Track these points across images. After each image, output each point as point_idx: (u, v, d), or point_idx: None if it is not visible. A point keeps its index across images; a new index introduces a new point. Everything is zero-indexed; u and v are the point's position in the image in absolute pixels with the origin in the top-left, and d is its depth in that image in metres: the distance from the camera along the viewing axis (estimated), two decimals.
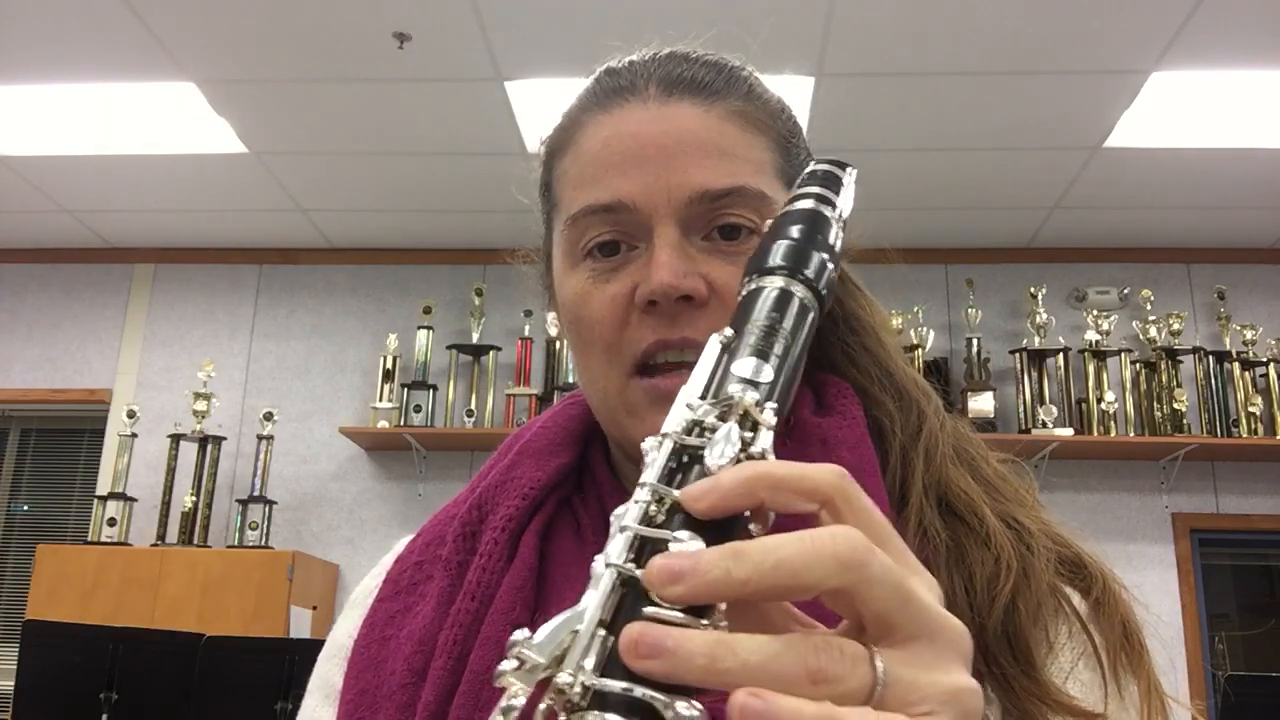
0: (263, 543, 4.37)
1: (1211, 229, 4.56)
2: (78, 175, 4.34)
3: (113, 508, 4.37)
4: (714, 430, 0.42)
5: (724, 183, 0.65)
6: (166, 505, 4.45)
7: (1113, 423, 4.39)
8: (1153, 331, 4.52)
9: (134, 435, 4.50)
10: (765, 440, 0.42)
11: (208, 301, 4.96)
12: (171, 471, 4.48)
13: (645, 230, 0.65)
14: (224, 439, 4.58)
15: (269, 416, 4.56)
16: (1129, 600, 0.65)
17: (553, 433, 0.72)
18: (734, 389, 0.44)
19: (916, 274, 4.73)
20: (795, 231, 0.52)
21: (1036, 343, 4.51)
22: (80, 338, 4.95)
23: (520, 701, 0.36)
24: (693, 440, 0.42)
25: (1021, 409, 4.47)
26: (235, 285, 4.97)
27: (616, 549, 0.39)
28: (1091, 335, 4.51)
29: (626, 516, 0.40)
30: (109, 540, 4.31)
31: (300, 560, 4.22)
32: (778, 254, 0.51)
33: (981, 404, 4.44)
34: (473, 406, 4.56)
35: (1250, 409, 4.36)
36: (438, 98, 3.71)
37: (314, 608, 4.24)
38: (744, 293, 0.50)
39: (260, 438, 4.52)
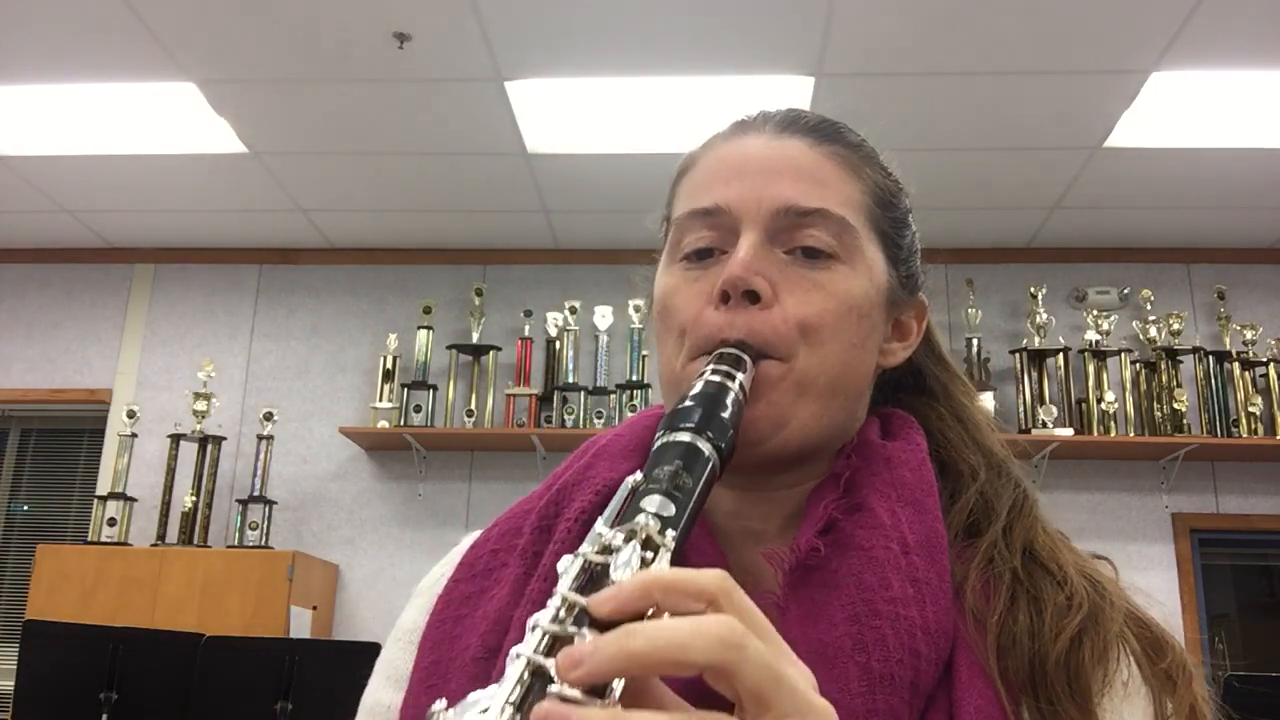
0: (263, 543, 4.37)
1: (1211, 229, 4.56)
2: (78, 175, 4.34)
3: (113, 508, 4.37)
4: (619, 551, 0.48)
5: (811, 203, 0.71)
6: (166, 505, 4.45)
7: (1113, 423, 4.39)
8: (1153, 331, 4.52)
9: (134, 435, 4.50)
10: (663, 561, 0.49)
11: (208, 301, 4.96)
12: (171, 471, 4.48)
13: (736, 235, 0.71)
14: (224, 439, 4.58)
15: (269, 416, 4.56)
16: (1202, 689, 0.68)
17: (627, 439, 0.78)
18: (639, 519, 0.50)
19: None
20: (705, 399, 0.61)
21: (1036, 343, 4.51)
22: (80, 338, 4.95)
23: None
24: (600, 558, 0.48)
25: (1021, 409, 4.47)
26: (235, 285, 4.97)
27: (529, 644, 0.44)
28: (1091, 335, 4.51)
29: (539, 618, 0.45)
30: (109, 540, 4.31)
31: (300, 560, 4.22)
32: (690, 416, 0.59)
33: (981, 404, 4.44)
34: (473, 406, 4.56)
35: (1250, 409, 4.36)
36: (438, 98, 3.71)
37: (314, 608, 4.24)
38: (657, 445, 0.58)
39: (260, 438, 4.52)
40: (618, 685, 0.43)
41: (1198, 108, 3.66)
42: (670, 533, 0.50)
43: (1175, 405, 4.36)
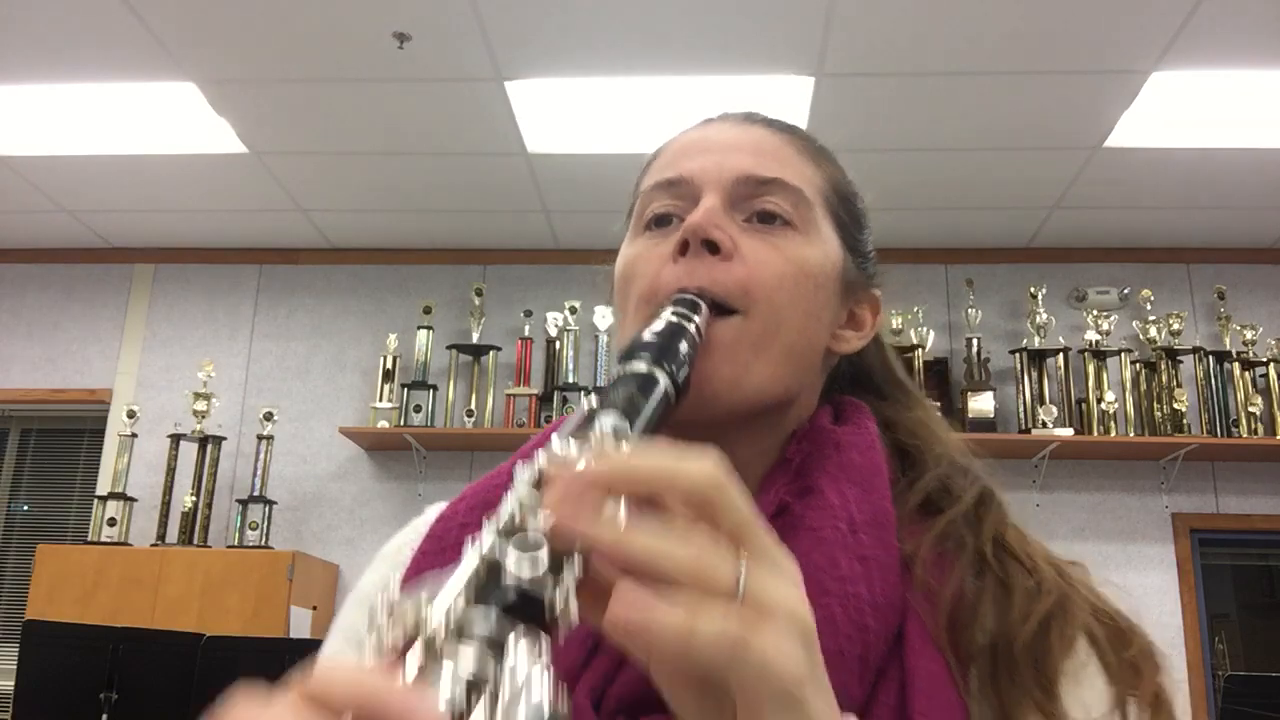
0: (263, 543, 4.37)
1: (1211, 229, 4.56)
2: (78, 175, 4.34)
3: (113, 508, 4.37)
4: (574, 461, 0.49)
5: (768, 173, 0.74)
6: (166, 505, 4.45)
7: (1113, 423, 4.39)
8: (1153, 331, 4.52)
9: (134, 435, 4.50)
10: None
11: (208, 301, 4.96)
12: (171, 471, 4.48)
13: (696, 201, 0.73)
14: (224, 439, 4.58)
15: (269, 416, 4.56)
16: (1169, 678, 0.69)
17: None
18: (594, 430, 0.52)
19: (916, 274, 4.73)
20: (660, 334, 0.63)
21: (1036, 343, 4.51)
22: (80, 338, 4.95)
23: (392, 640, 0.42)
24: (555, 468, 0.49)
25: (1021, 409, 4.47)
26: (235, 285, 4.97)
27: (484, 538, 0.45)
28: (1091, 335, 4.51)
29: (493, 515, 0.46)
30: (109, 540, 4.31)
31: (300, 560, 4.22)
32: (645, 348, 0.61)
33: (981, 404, 4.44)
34: (473, 406, 4.56)
35: (1250, 409, 4.36)
36: (438, 98, 3.71)
37: (314, 608, 4.24)
38: (614, 377, 0.59)
39: (260, 438, 4.52)
40: (574, 564, 0.44)
41: (1198, 108, 3.66)
42: (624, 444, 0.51)
43: (1175, 405, 4.36)
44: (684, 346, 0.62)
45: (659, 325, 0.64)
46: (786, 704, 0.43)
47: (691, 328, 0.65)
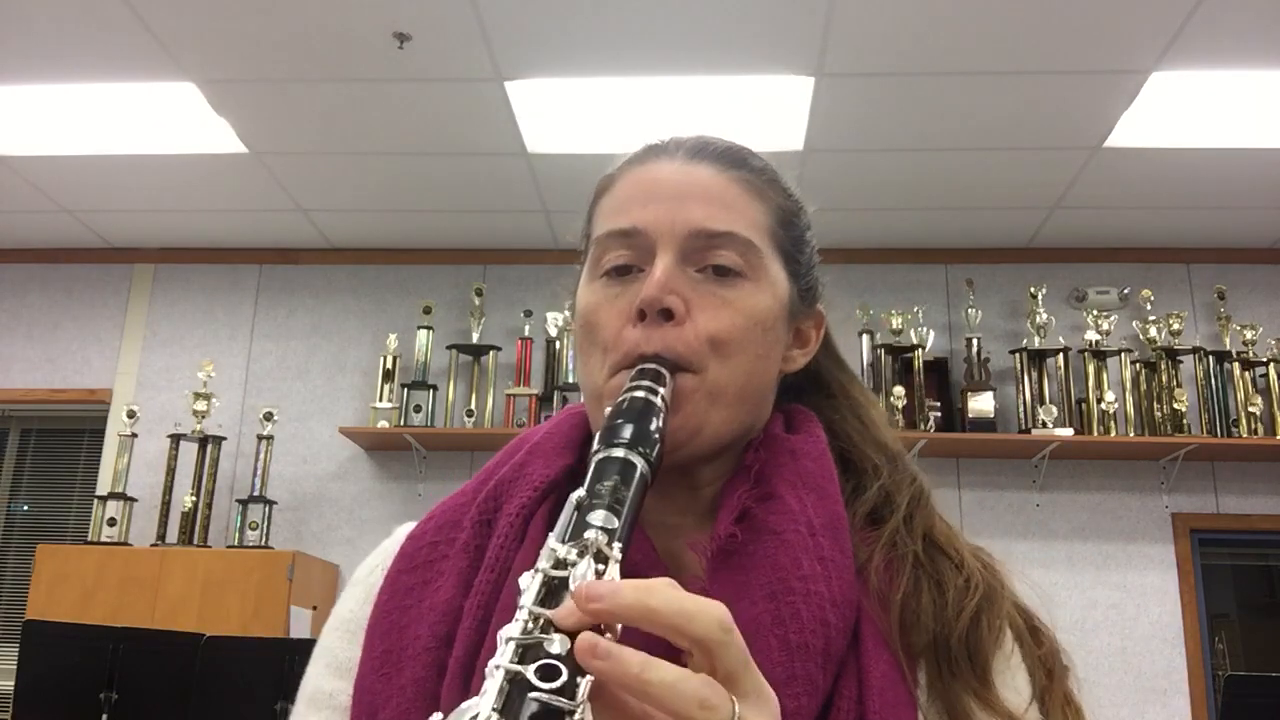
0: (263, 543, 4.37)
1: (1211, 229, 4.56)
2: (78, 175, 4.34)
3: (113, 508, 4.37)
4: (575, 565, 0.54)
5: (720, 226, 0.77)
6: (166, 505, 4.45)
7: (1113, 423, 4.39)
8: (1153, 331, 4.52)
9: (134, 435, 4.50)
10: (614, 571, 0.55)
11: (208, 301, 4.96)
12: (171, 471, 4.48)
13: (651, 254, 0.77)
14: (224, 439, 4.58)
15: (269, 416, 4.56)
16: (1075, 680, 0.77)
17: (557, 438, 0.84)
18: (589, 534, 0.56)
19: (916, 274, 4.73)
20: (634, 415, 0.67)
21: (1036, 343, 4.51)
22: (80, 338, 4.95)
23: None
24: (558, 573, 0.54)
25: (1021, 409, 4.47)
26: (235, 285, 4.97)
27: (504, 655, 0.50)
28: (1091, 335, 4.51)
29: (509, 631, 0.51)
30: (109, 540, 4.31)
31: (300, 560, 4.22)
32: (624, 432, 0.65)
33: (981, 404, 4.44)
34: (473, 406, 4.56)
35: (1250, 409, 4.36)
36: (438, 98, 3.71)
37: (314, 608, 4.24)
38: (596, 459, 0.64)
39: (260, 438, 4.52)
40: (584, 686, 0.48)
41: (1198, 108, 3.66)
42: (617, 545, 0.56)
43: (1175, 405, 4.36)
44: (655, 424, 0.67)
45: (628, 401, 0.69)
46: None
47: (658, 400, 0.70)
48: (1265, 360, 4.45)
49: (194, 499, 4.44)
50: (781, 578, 0.69)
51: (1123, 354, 4.50)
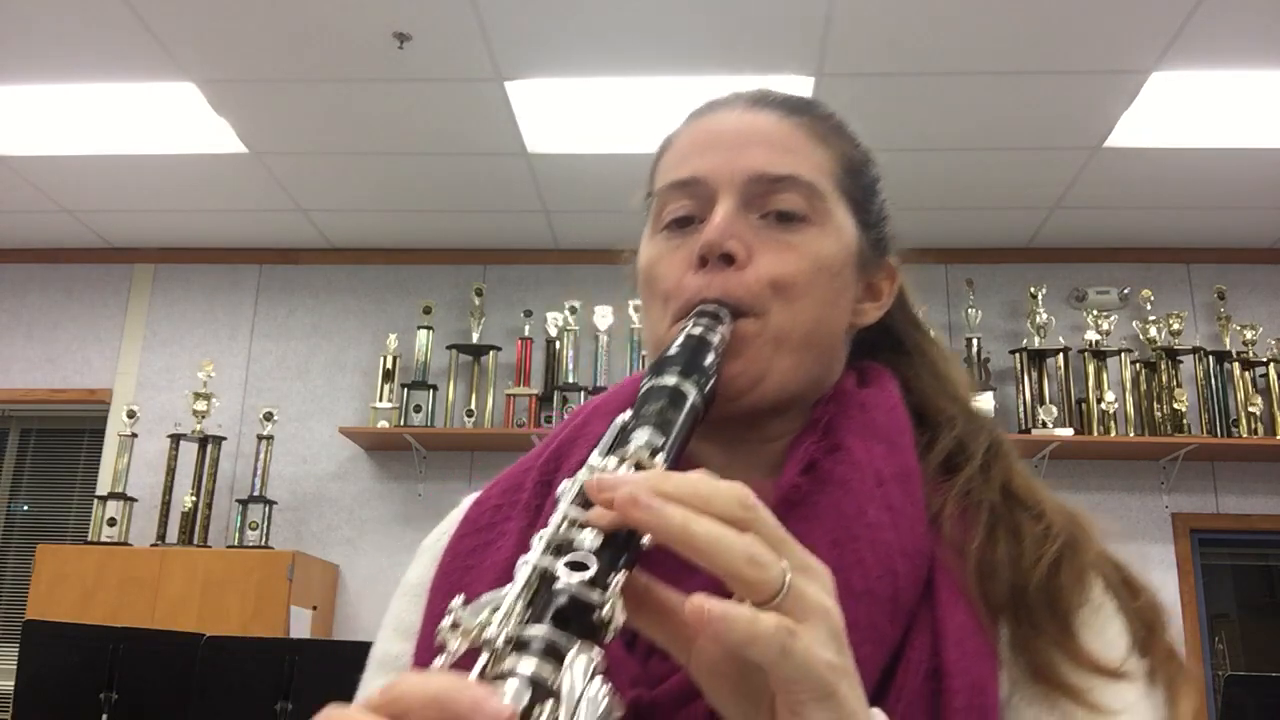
0: (263, 543, 4.37)
1: (1211, 229, 4.56)
2: (78, 175, 4.34)
3: (113, 508, 4.37)
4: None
5: (781, 170, 0.75)
6: (166, 505, 4.45)
7: (1113, 423, 4.39)
8: (1153, 331, 4.52)
9: (134, 435, 4.50)
10: None
11: (208, 301, 4.96)
12: (171, 471, 4.48)
13: (712, 203, 0.75)
14: (224, 439, 4.58)
15: (269, 416, 4.56)
16: (1175, 636, 0.73)
17: (620, 398, 0.82)
18: (630, 445, 0.56)
19: (916, 274, 4.69)
20: (687, 347, 0.67)
21: (1036, 343, 4.51)
22: (80, 338, 4.95)
23: (455, 648, 0.46)
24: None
25: (1021, 409, 4.47)
26: (235, 285, 4.97)
27: (535, 551, 0.49)
28: (1091, 335, 4.51)
29: (543, 532, 0.50)
30: (109, 540, 4.31)
31: (300, 560, 4.22)
32: (673, 361, 0.65)
33: (981, 404, 4.43)
34: (473, 406, 4.56)
35: (1250, 409, 4.36)
36: (438, 98, 3.71)
37: (314, 608, 4.24)
38: (643, 389, 0.63)
39: (260, 438, 4.52)
40: (618, 579, 0.47)
41: (1198, 108, 3.66)
42: (660, 457, 0.55)
43: (1175, 405, 4.36)
44: (709, 359, 0.66)
45: (681, 339, 0.68)
46: (823, 697, 0.47)
47: (715, 339, 0.69)
48: (1265, 360, 4.45)
49: (194, 499, 4.44)
50: (845, 525, 0.67)
51: (1123, 354, 4.50)
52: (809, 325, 0.74)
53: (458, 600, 0.47)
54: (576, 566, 0.47)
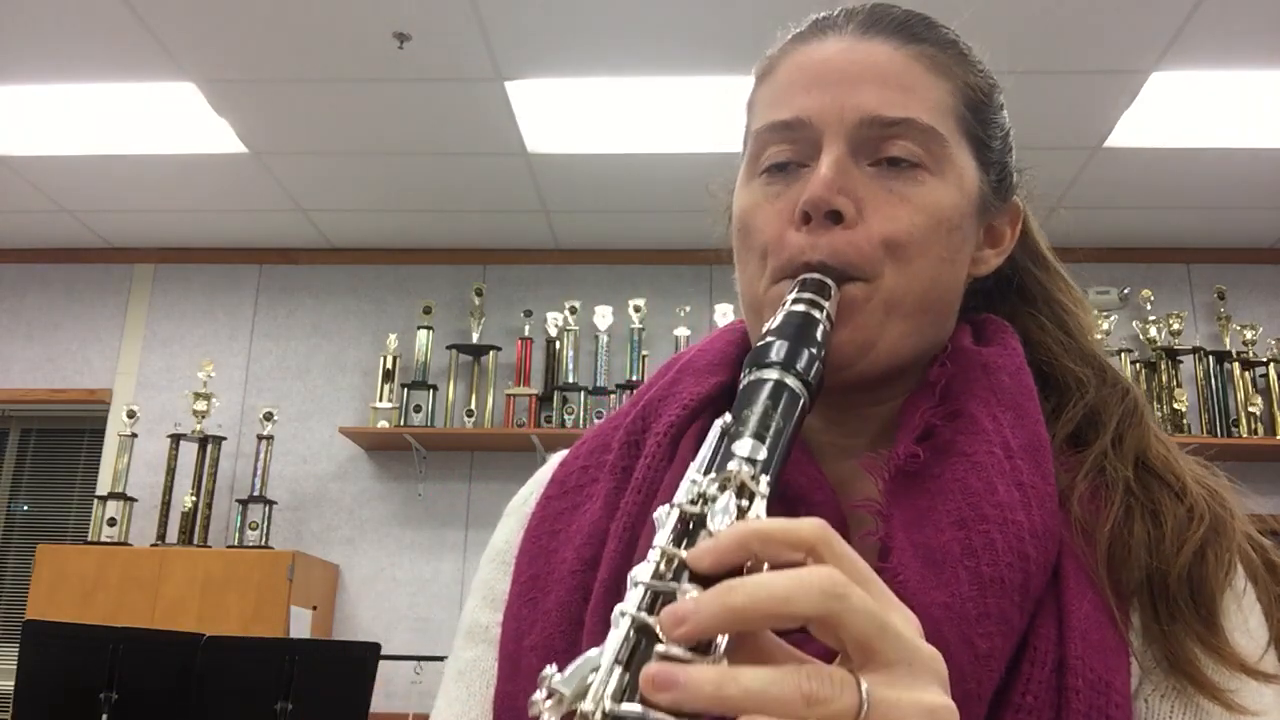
0: (263, 543, 4.37)
1: (1211, 229, 4.56)
2: (78, 175, 4.34)
3: (113, 508, 4.37)
4: (715, 500, 0.48)
5: (896, 112, 0.68)
6: (166, 505, 4.45)
7: None
8: (1153, 331, 4.52)
9: (134, 435, 4.50)
10: (759, 507, 0.48)
11: (208, 301, 4.96)
12: (171, 471, 4.48)
13: (817, 148, 0.68)
14: (224, 439, 4.58)
15: (269, 416, 4.56)
16: None
17: (711, 355, 0.77)
18: (732, 465, 0.50)
19: None
20: (790, 331, 0.60)
21: None
22: (80, 338, 4.95)
23: None
24: (696, 509, 0.48)
25: None
26: (235, 285, 4.97)
27: (632, 601, 0.44)
28: None
29: (639, 574, 0.45)
30: (109, 540, 4.31)
31: (300, 560, 4.22)
32: (776, 351, 0.58)
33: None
34: (473, 406, 4.56)
35: (1250, 409, 4.36)
36: (438, 98, 3.71)
37: (314, 608, 4.24)
38: (744, 383, 0.57)
39: (260, 438, 4.52)
40: (722, 640, 0.43)
41: (1198, 108, 3.66)
42: (764, 478, 0.50)
43: (1175, 405, 4.35)
44: (815, 345, 0.60)
45: (783, 317, 0.62)
46: None
47: (820, 315, 0.62)
48: (1265, 360, 4.45)
49: (194, 499, 4.44)
50: (973, 503, 0.61)
51: (1123, 354, 4.50)
52: (924, 287, 0.67)
53: (551, 669, 0.43)
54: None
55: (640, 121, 3.80)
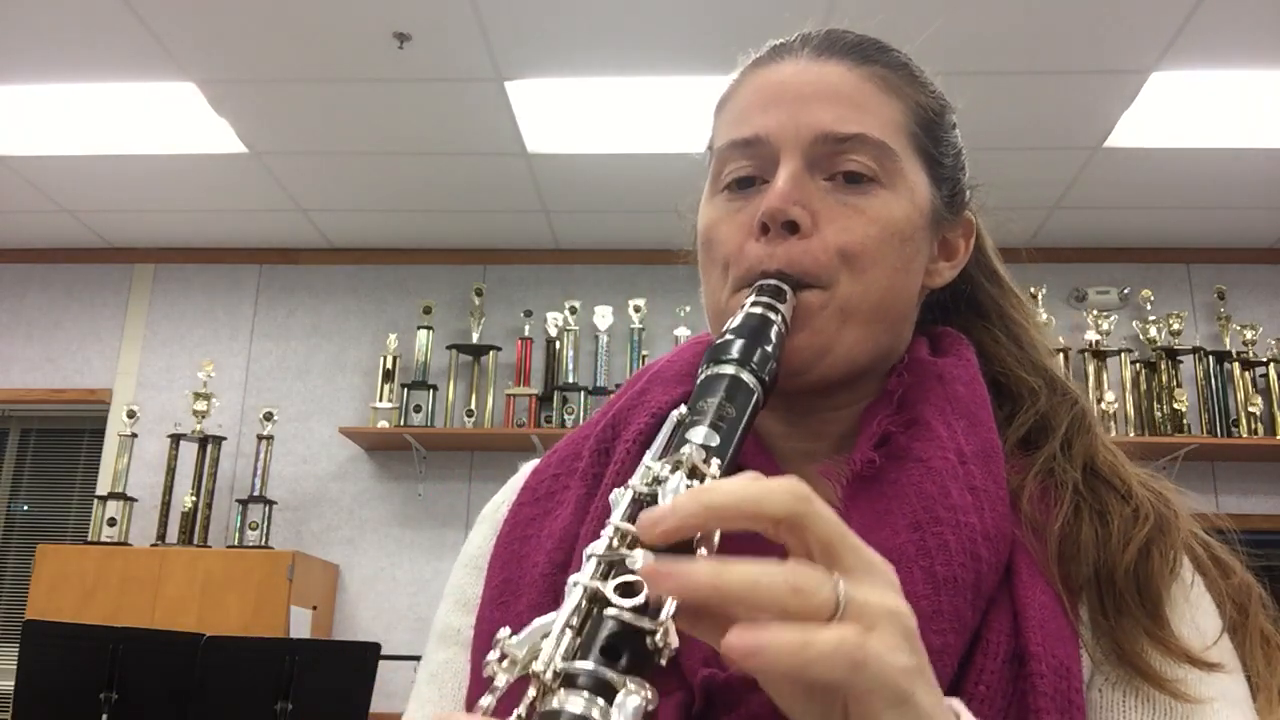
0: (263, 543, 4.37)
1: (1211, 229, 4.56)
2: (78, 175, 4.34)
3: (113, 508, 4.37)
4: (665, 481, 0.51)
5: (849, 128, 0.71)
6: (166, 505, 4.45)
7: (1112, 422, 4.39)
8: (1153, 331, 4.52)
9: (134, 435, 4.50)
10: None
11: (208, 301, 4.96)
12: (171, 471, 4.48)
13: (775, 164, 0.71)
14: (224, 439, 4.58)
15: (269, 416, 4.56)
16: (1268, 615, 0.71)
17: (679, 365, 0.80)
18: (684, 449, 0.53)
19: None
20: (747, 331, 0.63)
21: None
22: (80, 338, 4.95)
23: (502, 682, 0.45)
24: (649, 489, 0.51)
25: None
26: (235, 285, 4.97)
27: (585, 572, 0.47)
28: (1091, 335, 4.51)
29: (594, 548, 0.48)
30: (109, 540, 4.31)
31: (300, 560, 4.22)
32: (732, 348, 0.62)
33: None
34: (473, 406, 4.56)
35: (1250, 409, 4.36)
36: (438, 98, 3.71)
37: (314, 608, 4.24)
38: (701, 377, 0.61)
39: (260, 438, 4.52)
40: (669, 604, 0.45)
41: (1198, 108, 3.66)
42: (715, 461, 0.53)
43: (1175, 405, 4.35)
44: (770, 344, 0.63)
45: (741, 318, 0.65)
46: (899, 703, 0.45)
47: (776, 318, 0.65)
48: (1265, 360, 4.45)
49: (194, 499, 4.44)
50: (928, 507, 0.64)
51: (1123, 354, 4.50)
52: (879, 295, 0.70)
53: (504, 631, 0.46)
54: (628, 589, 0.45)
55: (640, 121, 3.80)
